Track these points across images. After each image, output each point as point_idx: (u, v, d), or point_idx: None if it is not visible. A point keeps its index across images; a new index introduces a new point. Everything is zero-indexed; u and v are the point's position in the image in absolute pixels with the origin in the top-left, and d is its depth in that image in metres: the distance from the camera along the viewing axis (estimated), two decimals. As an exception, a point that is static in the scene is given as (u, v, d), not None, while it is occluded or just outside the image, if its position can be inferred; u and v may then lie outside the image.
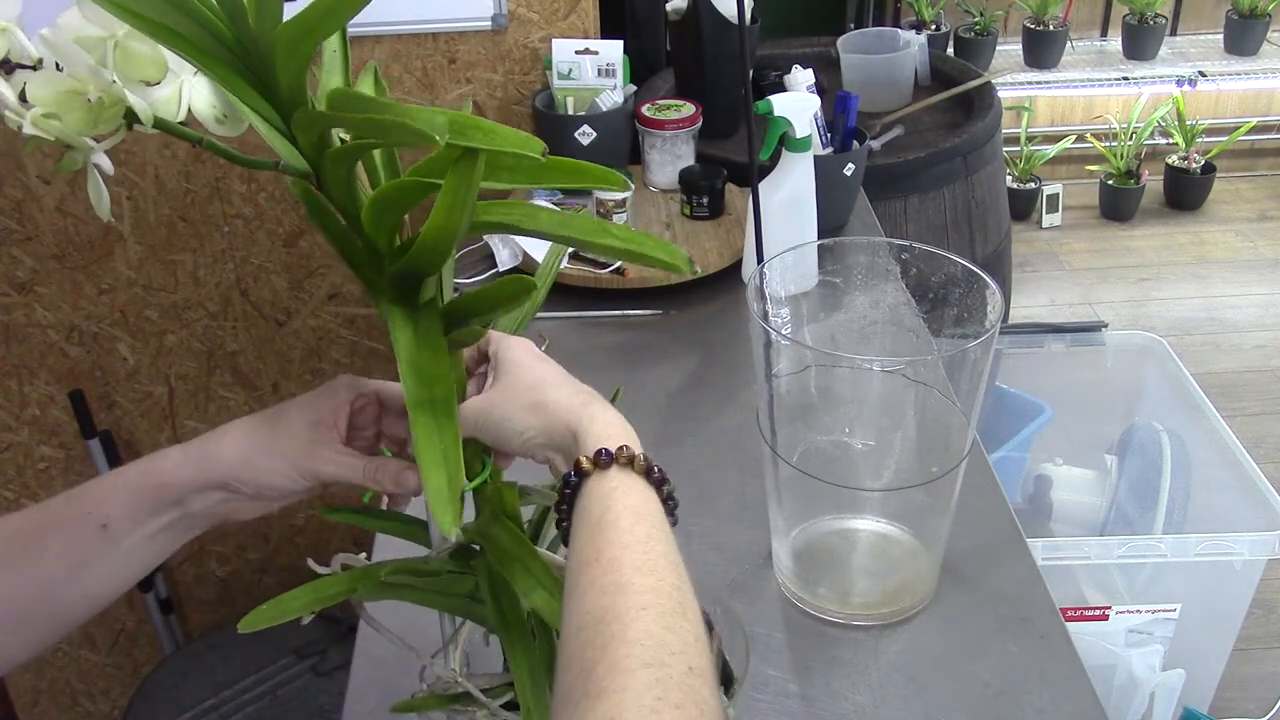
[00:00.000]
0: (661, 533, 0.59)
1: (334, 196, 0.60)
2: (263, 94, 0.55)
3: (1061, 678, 0.94)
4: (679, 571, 0.57)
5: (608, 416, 0.66)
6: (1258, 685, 2.09)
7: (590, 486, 0.62)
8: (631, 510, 0.60)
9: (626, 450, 0.62)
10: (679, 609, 0.54)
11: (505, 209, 0.62)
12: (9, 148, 1.64)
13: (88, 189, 0.57)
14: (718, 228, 1.57)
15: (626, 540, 0.57)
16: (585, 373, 0.71)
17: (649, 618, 0.52)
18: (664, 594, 0.54)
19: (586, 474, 0.62)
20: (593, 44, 1.64)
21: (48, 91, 0.52)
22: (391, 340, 0.61)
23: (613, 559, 0.56)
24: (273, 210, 1.75)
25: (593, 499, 0.61)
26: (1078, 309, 3.21)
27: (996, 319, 0.92)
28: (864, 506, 1.05)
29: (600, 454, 0.62)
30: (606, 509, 0.60)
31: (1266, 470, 1.64)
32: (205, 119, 0.57)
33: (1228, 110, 3.75)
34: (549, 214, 0.62)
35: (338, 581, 0.69)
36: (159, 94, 0.56)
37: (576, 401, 0.67)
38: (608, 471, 0.62)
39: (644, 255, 0.63)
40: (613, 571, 0.55)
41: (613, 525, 0.59)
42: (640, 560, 0.56)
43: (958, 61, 2.21)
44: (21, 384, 1.82)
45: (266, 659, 1.69)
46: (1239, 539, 1.53)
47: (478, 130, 0.53)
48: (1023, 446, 1.86)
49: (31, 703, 2.06)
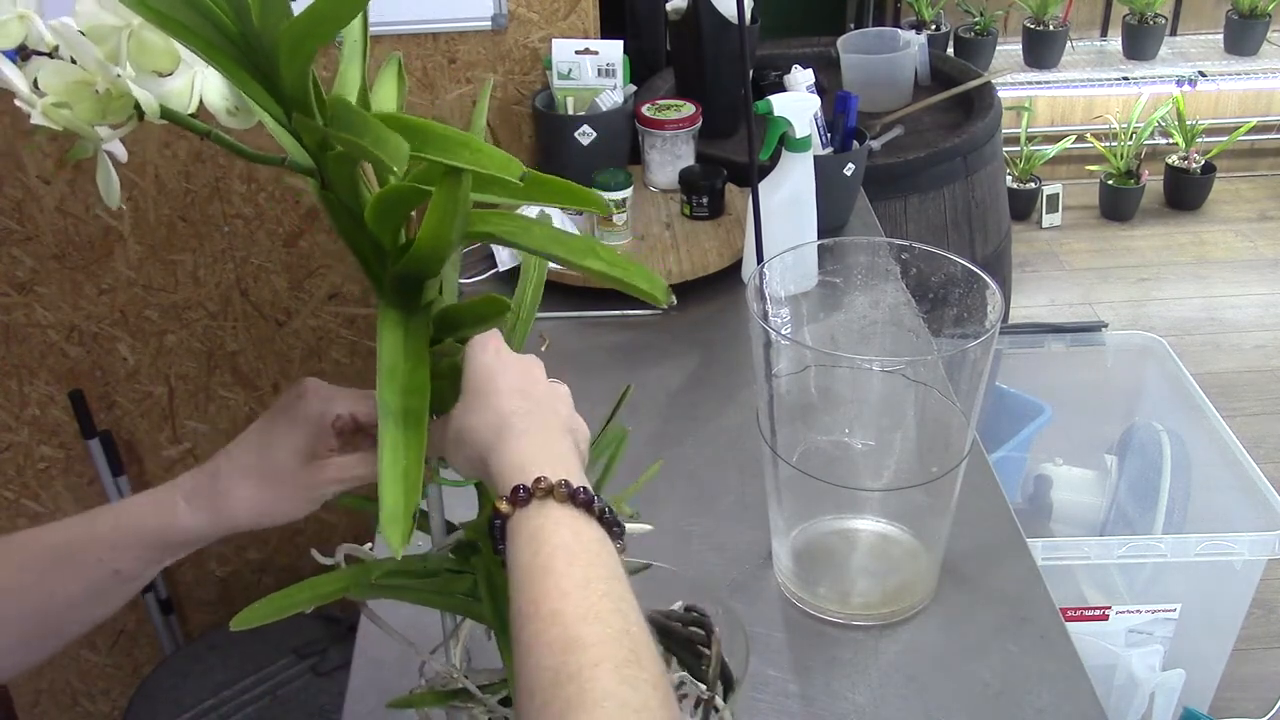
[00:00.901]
0: (601, 567, 0.56)
1: (338, 194, 0.60)
2: (268, 90, 0.56)
3: (1061, 678, 0.94)
4: (624, 611, 0.54)
5: (522, 443, 0.61)
6: (1258, 685, 2.08)
7: (515, 528, 0.58)
8: (564, 550, 0.56)
9: (543, 481, 0.58)
10: (632, 657, 0.51)
11: (500, 220, 0.62)
12: (9, 148, 1.64)
13: (96, 177, 0.58)
14: (718, 228, 1.57)
15: (564, 587, 0.54)
16: (585, 373, 0.71)
17: (604, 674, 0.50)
18: (614, 642, 0.52)
19: (506, 516, 0.58)
20: (593, 44, 1.64)
21: (59, 81, 0.53)
22: (376, 339, 0.61)
23: (553, 611, 0.53)
24: (273, 210, 1.75)
25: (520, 542, 0.57)
26: (1078, 309, 3.21)
27: (996, 319, 0.92)
28: (864, 506, 1.05)
29: (517, 491, 0.58)
30: (536, 553, 0.56)
31: (1266, 470, 1.64)
32: (217, 111, 0.58)
33: (1228, 110, 3.75)
34: (542, 229, 0.62)
35: (333, 580, 0.69)
36: (171, 85, 0.56)
37: (489, 433, 0.62)
38: (528, 509, 0.57)
39: (626, 281, 0.63)
40: (556, 625, 0.52)
41: (545, 570, 0.55)
42: (583, 609, 0.53)
43: (958, 61, 2.21)
44: (21, 384, 1.82)
45: (266, 659, 1.69)
46: (1239, 539, 1.53)
47: (465, 149, 0.53)
48: (1023, 446, 1.87)
49: (31, 703, 2.06)
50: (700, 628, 0.77)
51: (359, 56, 0.63)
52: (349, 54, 0.63)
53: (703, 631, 0.77)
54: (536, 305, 0.78)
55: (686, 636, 0.76)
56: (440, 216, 0.56)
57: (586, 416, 0.79)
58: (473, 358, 0.66)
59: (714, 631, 0.76)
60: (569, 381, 0.71)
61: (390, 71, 0.69)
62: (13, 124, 1.62)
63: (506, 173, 0.53)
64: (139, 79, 0.55)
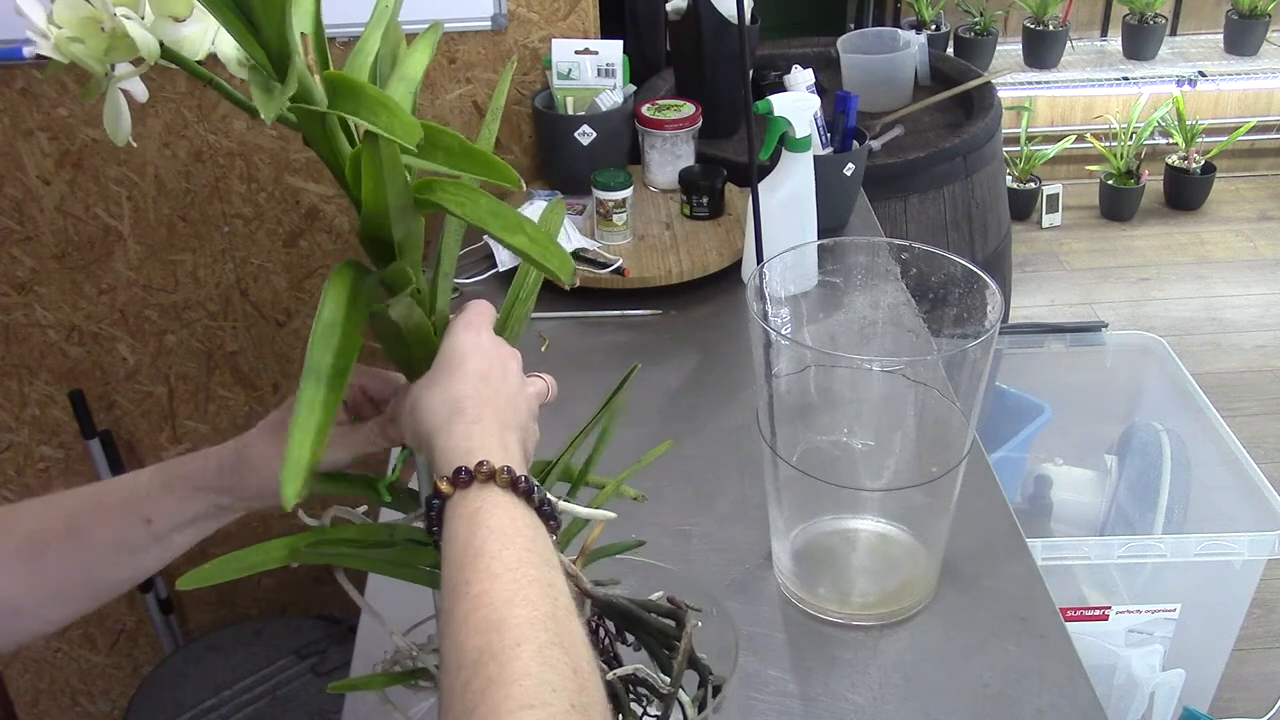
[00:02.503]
0: (533, 554, 0.57)
1: (318, 149, 0.60)
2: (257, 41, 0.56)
3: (1061, 678, 0.94)
4: (553, 596, 0.55)
5: (471, 429, 0.62)
6: (1258, 685, 2.09)
7: (453, 509, 0.59)
8: (498, 533, 0.57)
9: (485, 465, 0.59)
10: (555, 640, 0.52)
11: (444, 189, 0.62)
12: (9, 148, 1.64)
13: (103, 115, 0.60)
14: (718, 228, 1.57)
15: (495, 569, 0.55)
16: (585, 373, 0.71)
17: (526, 654, 0.51)
18: (539, 625, 0.53)
19: (446, 496, 0.59)
20: (593, 44, 1.64)
21: (71, 15, 0.55)
22: (323, 290, 0.61)
23: (482, 592, 0.54)
24: (273, 210, 1.75)
25: (458, 523, 0.58)
26: (1078, 309, 3.21)
27: (996, 319, 0.92)
28: (864, 506, 1.05)
29: (459, 473, 0.59)
30: (472, 534, 0.57)
31: (1266, 470, 1.64)
32: (229, 60, 0.59)
33: (1228, 110, 3.75)
34: (486, 201, 0.62)
35: (282, 544, 0.69)
36: (187, 31, 0.58)
37: (442, 412, 0.63)
38: (469, 491, 0.59)
39: (539, 261, 0.63)
40: (484, 606, 0.53)
41: (479, 552, 0.56)
42: (511, 591, 0.54)
43: (958, 61, 2.21)
44: (21, 384, 1.82)
45: (266, 659, 1.69)
46: (1239, 539, 1.53)
47: (384, 110, 0.54)
48: (1023, 446, 1.86)
49: (31, 703, 2.06)
50: (674, 620, 0.76)
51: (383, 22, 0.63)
52: (376, 19, 0.64)
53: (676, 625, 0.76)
54: (530, 303, 0.78)
55: (659, 628, 0.75)
56: (370, 176, 0.57)
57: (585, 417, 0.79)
58: (453, 335, 0.67)
59: (686, 625, 0.75)
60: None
61: (429, 38, 0.69)
62: (13, 124, 1.62)
63: (408, 139, 0.54)
64: (156, 23, 0.57)
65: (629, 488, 0.82)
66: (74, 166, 1.67)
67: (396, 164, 0.57)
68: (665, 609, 0.76)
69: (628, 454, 0.84)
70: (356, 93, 0.56)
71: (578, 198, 1.62)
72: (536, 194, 1.62)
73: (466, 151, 0.59)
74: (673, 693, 0.72)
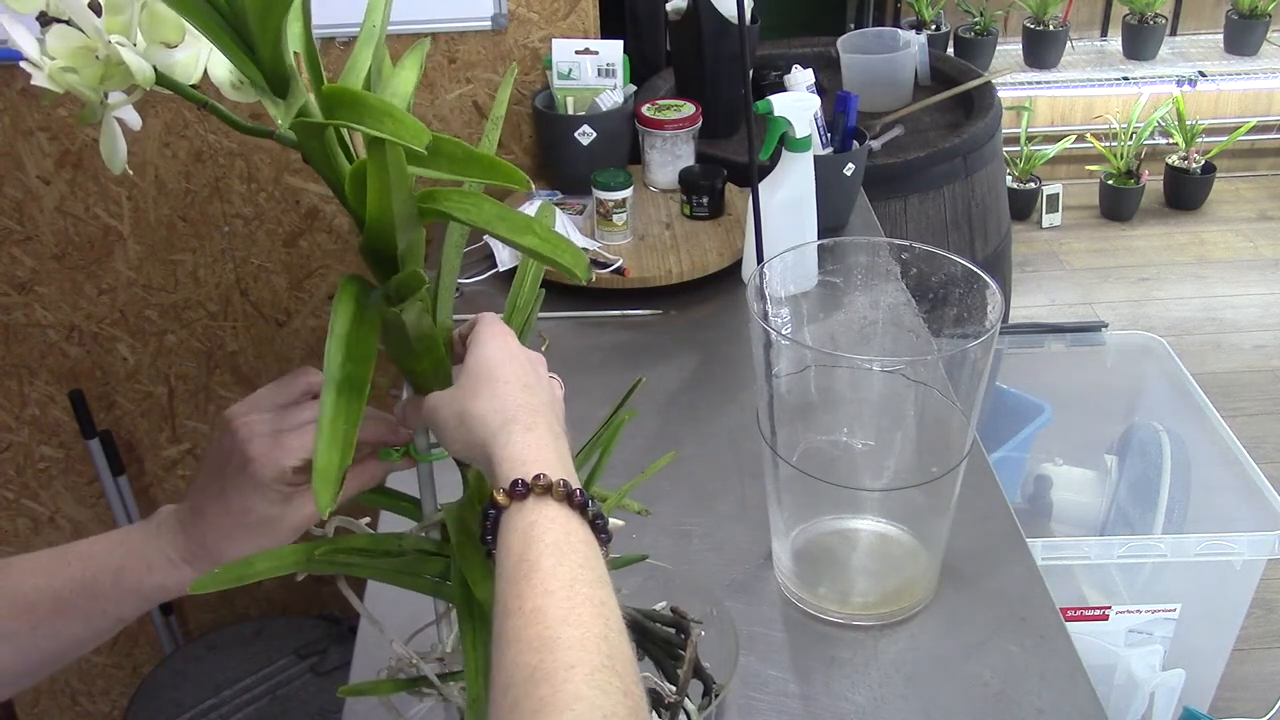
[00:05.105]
0: (588, 570, 0.56)
1: (316, 166, 0.60)
2: (254, 63, 0.56)
3: (1061, 678, 0.94)
4: (605, 615, 0.55)
5: (527, 438, 0.61)
6: (1258, 685, 2.09)
7: (508, 521, 0.58)
8: (553, 548, 0.56)
9: (543, 478, 0.58)
10: (607, 663, 0.52)
11: (448, 197, 0.62)
12: (9, 148, 1.64)
13: (100, 143, 0.60)
14: (718, 228, 1.57)
15: (550, 586, 0.54)
16: (585, 373, 0.71)
17: (578, 677, 0.51)
18: (591, 647, 0.52)
19: (503, 508, 0.59)
20: (593, 44, 1.64)
21: (65, 45, 0.55)
22: (332, 307, 0.61)
23: (536, 609, 0.53)
24: (273, 210, 1.75)
25: (513, 536, 0.58)
26: (1078, 309, 3.22)
27: (996, 319, 0.92)
28: (864, 506, 1.05)
29: (516, 485, 0.58)
30: (526, 548, 0.57)
31: (1266, 470, 1.64)
32: (221, 84, 0.59)
33: (1228, 110, 3.75)
34: (491, 206, 0.62)
35: (293, 552, 0.69)
36: (179, 56, 0.58)
37: (495, 420, 0.62)
38: (525, 503, 0.58)
39: (552, 259, 0.63)
40: (537, 623, 0.53)
41: (534, 567, 0.55)
42: (565, 610, 0.53)
43: (958, 61, 2.21)
44: (21, 384, 1.82)
45: (266, 659, 1.69)
46: (1239, 539, 1.53)
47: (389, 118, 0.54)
48: (1023, 446, 1.86)
49: (32, 703, 2.06)
50: (679, 629, 0.76)
51: (373, 42, 0.64)
52: (365, 37, 0.64)
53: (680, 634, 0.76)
54: (533, 303, 0.78)
55: (664, 637, 0.75)
56: (375, 187, 0.57)
57: (586, 417, 0.79)
58: (482, 343, 0.66)
59: (690, 635, 0.75)
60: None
61: (416, 55, 0.69)
62: (13, 124, 1.62)
63: (416, 142, 0.54)
64: (149, 50, 0.57)
65: (632, 501, 0.82)
66: (74, 166, 1.67)
67: (403, 171, 0.57)
68: (669, 619, 0.77)
69: (628, 454, 0.84)
70: (358, 103, 0.56)
71: (578, 198, 1.62)
72: (537, 194, 1.62)
73: (471, 157, 0.59)
74: (679, 701, 0.73)
